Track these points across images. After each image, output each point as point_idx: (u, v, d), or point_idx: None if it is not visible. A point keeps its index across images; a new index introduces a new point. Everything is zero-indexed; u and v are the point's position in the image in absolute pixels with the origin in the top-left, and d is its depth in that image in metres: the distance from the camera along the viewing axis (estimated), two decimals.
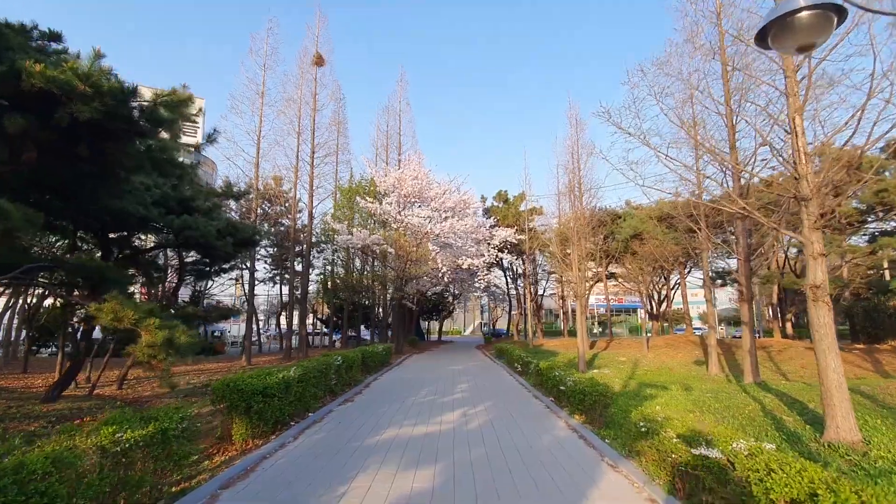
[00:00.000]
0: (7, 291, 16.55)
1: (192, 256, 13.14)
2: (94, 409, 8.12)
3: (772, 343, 17.35)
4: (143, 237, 11.19)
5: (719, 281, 21.65)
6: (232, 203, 30.81)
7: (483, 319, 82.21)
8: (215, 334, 38.64)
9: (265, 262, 33.81)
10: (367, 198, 20.29)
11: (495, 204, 29.30)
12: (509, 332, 42.21)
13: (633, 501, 4.09)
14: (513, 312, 39.24)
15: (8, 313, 18.64)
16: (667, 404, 9.13)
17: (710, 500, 3.65)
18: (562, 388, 8.38)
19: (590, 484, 4.48)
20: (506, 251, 22.65)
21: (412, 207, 20.32)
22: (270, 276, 35.01)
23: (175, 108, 5.24)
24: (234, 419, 5.82)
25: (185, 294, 35.04)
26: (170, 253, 16.20)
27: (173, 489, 4.28)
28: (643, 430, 4.93)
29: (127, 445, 3.46)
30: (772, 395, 9.70)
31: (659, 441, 4.48)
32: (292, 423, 6.88)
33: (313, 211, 23.34)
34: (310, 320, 51.93)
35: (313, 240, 23.54)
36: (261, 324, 64.33)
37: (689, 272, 30.55)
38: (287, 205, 27.71)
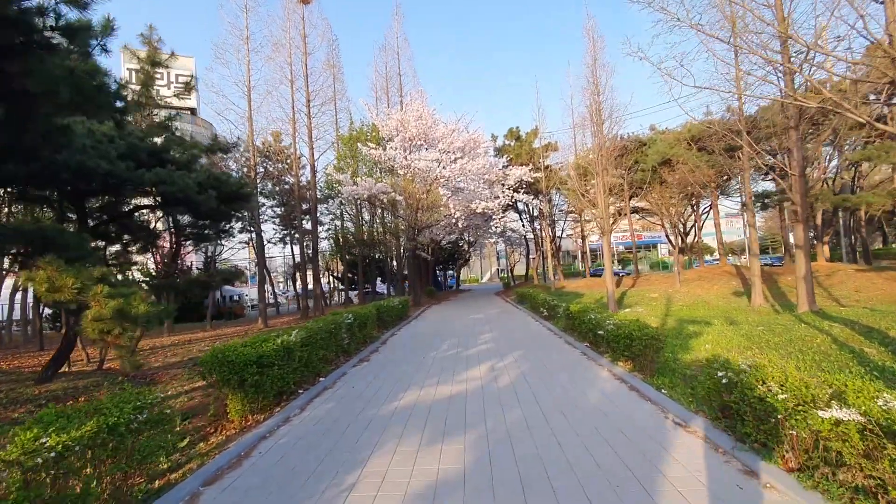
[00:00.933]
0: (12, 270, 16.12)
1: (187, 218, 12.19)
2: (91, 386, 7.52)
3: (817, 267, 16.04)
4: (131, 201, 10.25)
5: (758, 204, 20.01)
6: (232, 164, 29.76)
7: (500, 266, 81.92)
8: (234, 298, 38.89)
9: (273, 222, 33.12)
10: (370, 143, 18.77)
11: (507, 143, 27.36)
12: (528, 276, 41.47)
13: (740, 484, 3.14)
14: (531, 256, 38.26)
15: (22, 291, 18.44)
16: (715, 342, 8.15)
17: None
18: (599, 332, 7.42)
19: (665, 455, 3.54)
20: (521, 191, 21.19)
21: (419, 151, 18.82)
22: (280, 236, 34.44)
23: (86, 5, 3.96)
24: (228, 395, 5.02)
25: (200, 261, 34.90)
26: (171, 217, 15.41)
27: (156, 483, 3.51)
28: (723, 381, 3.90)
29: (52, 454, 2.58)
30: (838, 325, 8.60)
31: (762, 405, 3.45)
32: (300, 392, 6.11)
33: (315, 164, 22.06)
34: (326, 278, 52.18)
35: (318, 195, 22.38)
36: (281, 285, 65.43)
37: (710, 206, 28.71)
38: (289, 161, 26.40)
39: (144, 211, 11.22)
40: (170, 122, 10.94)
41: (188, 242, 16.18)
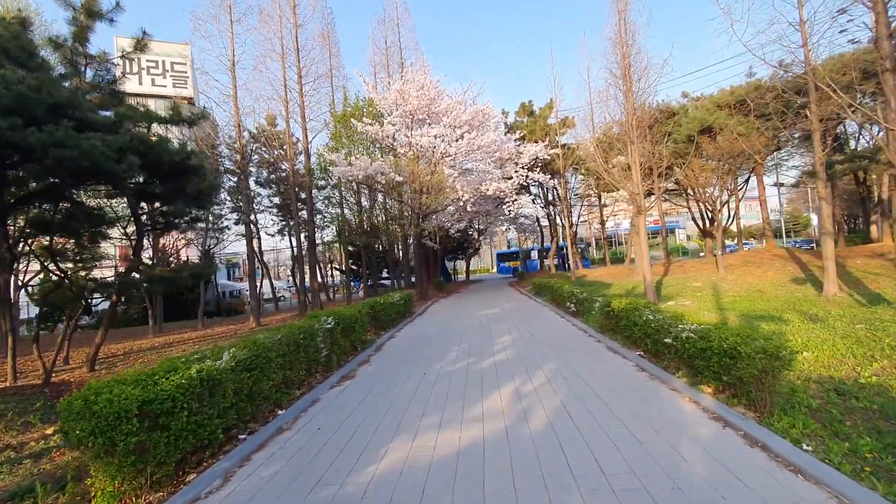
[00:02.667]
0: None
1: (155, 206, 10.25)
2: None
3: (888, 248, 13.72)
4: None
5: (789, 180, 17.52)
6: (225, 150, 28.00)
7: None
8: (234, 294, 37.32)
9: (271, 212, 31.32)
10: (366, 119, 16.67)
11: (518, 120, 24.97)
12: (542, 264, 39.28)
13: None
14: (546, 243, 36.04)
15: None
16: (813, 347, 6.05)
17: None
18: (666, 340, 5.35)
19: None
20: (537, 169, 18.97)
21: (421, 127, 16.72)
22: (279, 228, 32.62)
23: None
24: (92, 466, 3.08)
25: (196, 255, 33.33)
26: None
27: None
28: None
29: None
30: None
31: None
32: (242, 438, 4.18)
33: (309, 146, 20.05)
34: (329, 271, 50.49)
35: (315, 181, 20.37)
36: (287, 280, 63.98)
37: (745, 182, 26.09)
38: (284, 148, 24.42)
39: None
40: (117, 84, 9.00)
41: (159, 230, 14.30)
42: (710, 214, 27.00)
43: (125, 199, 9.45)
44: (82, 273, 10.24)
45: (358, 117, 16.63)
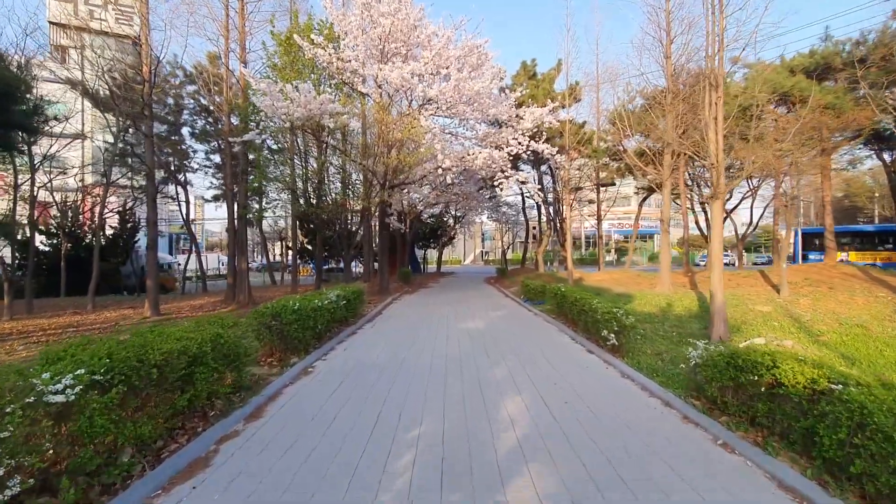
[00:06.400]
0: None
1: None
2: None
3: None
4: None
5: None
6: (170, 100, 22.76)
7: (484, 248, 75.75)
8: (162, 267, 31.43)
9: (206, 172, 25.85)
10: (316, 36, 11.70)
11: (517, 84, 20.59)
12: (525, 261, 35.39)
13: None
14: (537, 236, 32.20)
15: None
16: None
17: None
18: None
19: None
20: (539, 139, 14.67)
21: (393, 61, 12.09)
22: (221, 192, 27.06)
23: None
24: None
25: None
26: None
27: None
28: None
29: None
30: None
31: None
32: None
33: (248, 88, 14.97)
34: (279, 250, 44.84)
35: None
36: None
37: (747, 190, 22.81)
38: (222, 91, 19.03)
39: None
40: None
41: None
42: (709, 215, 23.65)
43: None
44: None
45: (307, 36, 11.78)
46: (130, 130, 20.53)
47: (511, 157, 14.54)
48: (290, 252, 35.65)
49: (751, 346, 4.86)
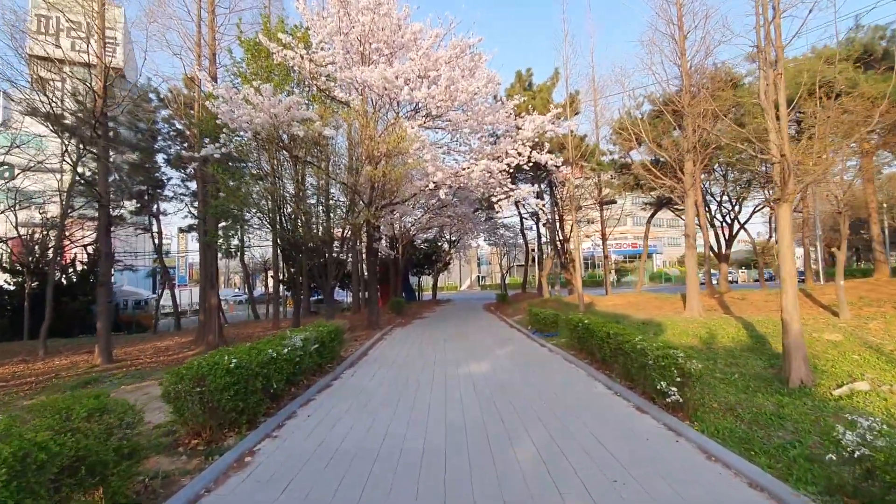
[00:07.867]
0: None
1: None
2: None
3: None
4: None
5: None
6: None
7: (480, 272, 73.89)
8: (140, 304, 29.29)
9: (182, 199, 24.03)
10: (285, 36, 10.19)
11: (511, 98, 19.32)
12: (525, 285, 33.62)
13: None
14: (536, 259, 30.54)
15: None
16: None
17: None
18: None
19: None
20: (542, 150, 13.19)
21: (376, 63, 10.65)
22: (192, 223, 25.13)
23: None
24: None
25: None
26: None
27: None
28: None
29: None
30: None
31: None
32: None
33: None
34: (263, 283, 42.67)
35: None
36: (236, 288, 55.00)
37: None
38: (193, 112, 17.57)
39: None
40: None
41: None
42: (727, 234, 22.24)
43: None
44: None
45: (274, 37, 10.32)
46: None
47: (511, 171, 12.99)
48: (273, 283, 33.60)
49: (853, 391, 3.13)
